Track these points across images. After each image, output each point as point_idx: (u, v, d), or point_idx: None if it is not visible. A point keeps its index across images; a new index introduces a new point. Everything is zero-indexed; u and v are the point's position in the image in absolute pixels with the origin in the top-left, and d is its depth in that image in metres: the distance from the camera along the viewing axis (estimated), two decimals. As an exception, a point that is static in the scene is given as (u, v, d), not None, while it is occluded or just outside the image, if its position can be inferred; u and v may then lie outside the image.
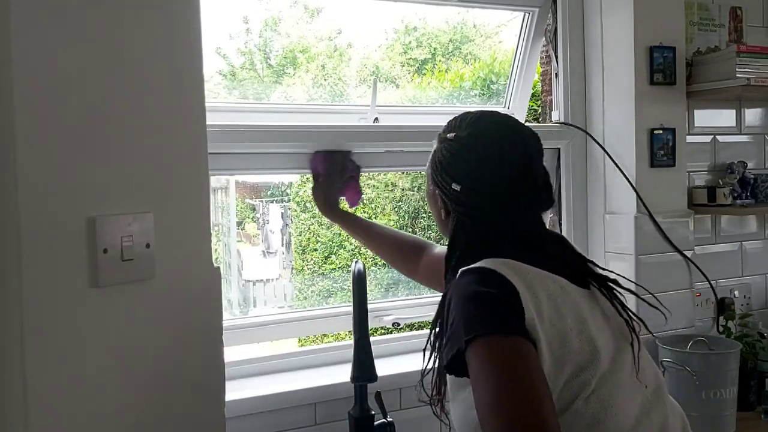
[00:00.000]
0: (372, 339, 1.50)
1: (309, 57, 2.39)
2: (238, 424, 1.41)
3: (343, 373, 1.58)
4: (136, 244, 1.04)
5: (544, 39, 2.08)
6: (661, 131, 1.95)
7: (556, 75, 2.08)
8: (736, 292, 2.17)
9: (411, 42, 2.74)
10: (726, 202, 2.03)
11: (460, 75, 2.66)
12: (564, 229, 2.08)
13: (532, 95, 2.19)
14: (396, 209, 4.46)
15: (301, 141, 1.66)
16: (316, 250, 4.36)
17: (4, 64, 0.93)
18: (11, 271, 0.94)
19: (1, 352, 0.96)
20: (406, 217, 4.55)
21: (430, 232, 4.56)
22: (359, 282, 1.49)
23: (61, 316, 0.97)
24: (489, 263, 1.03)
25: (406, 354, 1.82)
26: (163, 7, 1.08)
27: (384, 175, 4.29)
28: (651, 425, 1.03)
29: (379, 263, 4.53)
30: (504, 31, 2.34)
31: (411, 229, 4.58)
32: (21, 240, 0.94)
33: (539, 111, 3.02)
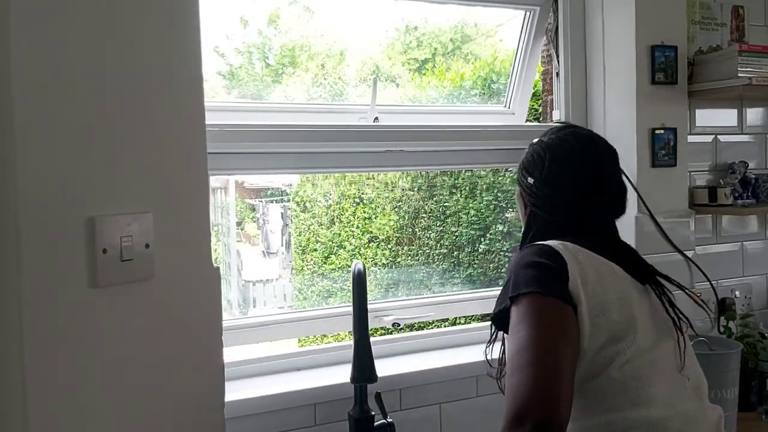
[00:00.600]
0: (372, 339, 1.50)
1: (309, 56, 2.39)
2: (238, 424, 1.41)
3: (343, 374, 1.57)
4: (136, 244, 1.04)
5: (545, 38, 2.08)
6: (662, 131, 1.95)
7: (557, 74, 2.08)
8: (737, 293, 2.17)
9: (411, 41, 2.73)
10: (727, 202, 2.03)
11: (460, 74, 2.65)
12: (565, 229, 2.08)
13: (533, 94, 2.19)
14: (396, 209, 4.46)
15: (301, 141, 1.66)
16: (316, 250, 4.36)
17: (4, 64, 0.93)
18: (11, 271, 0.94)
19: (1, 352, 0.96)
20: (406, 217, 4.55)
21: (430, 233, 4.55)
22: (359, 282, 1.49)
23: (60, 316, 0.97)
24: (549, 241, 1.15)
25: (406, 354, 1.81)
26: (162, 7, 1.08)
27: (384, 175, 4.28)
28: (685, 410, 1.08)
29: (379, 263, 4.53)
30: (505, 30, 2.33)
31: (411, 229, 4.58)
32: (21, 240, 0.94)
33: (540, 110, 3.02)
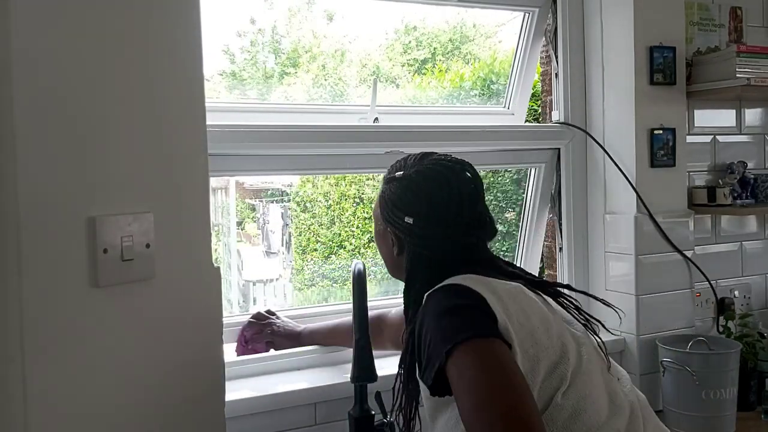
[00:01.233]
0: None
1: (311, 57, 2.39)
2: (238, 424, 1.41)
3: (343, 373, 1.58)
4: (136, 244, 1.04)
5: (544, 39, 2.08)
6: (661, 131, 1.95)
7: (556, 75, 2.08)
8: (736, 292, 2.17)
9: (411, 42, 2.73)
10: (726, 202, 2.04)
11: (460, 75, 2.66)
12: (564, 229, 2.08)
13: (532, 95, 2.19)
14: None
15: (302, 141, 1.66)
16: (316, 250, 4.36)
17: (4, 64, 0.93)
18: (11, 271, 0.94)
19: (1, 352, 0.96)
20: (407, 217, 4.53)
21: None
22: (359, 282, 1.49)
23: (61, 316, 0.97)
24: (451, 280, 1.08)
25: (406, 354, 1.81)
26: (163, 7, 1.08)
27: (384, 175, 4.27)
28: (623, 409, 1.08)
29: (379, 263, 4.53)
30: (504, 31, 2.33)
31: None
32: (21, 240, 0.94)
33: (539, 111, 3.02)
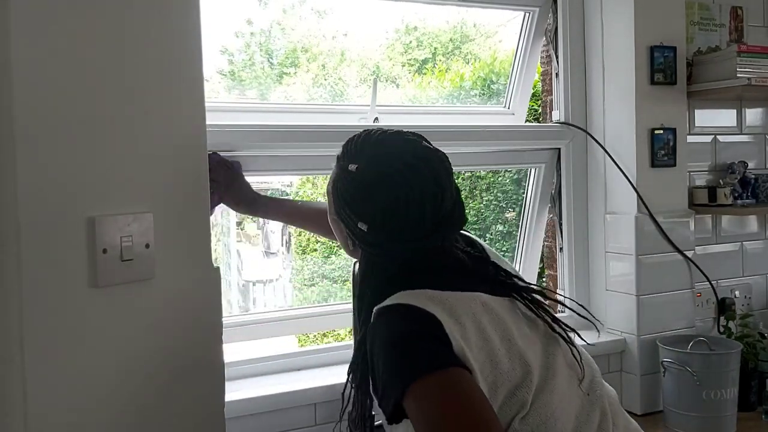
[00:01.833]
0: (372, 339, 1.50)
1: (311, 56, 2.39)
2: (238, 424, 1.41)
3: (343, 373, 1.57)
4: (136, 244, 1.04)
5: (544, 39, 2.08)
6: (661, 131, 1.95)
7: (557, 75, 2.08)
8: (737, 293, 2.17)
9: (411, 41, 2.73)
10: (727, 202, 2.04)
11: (460, 75, 2.66)
12: (564, 229, 2.08)
13: (533, 95, 2.19)
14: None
15: (302, 141, 1.66)
16: (316, 250, 4.36)
17: (4, 64, 0.93)
18: (11, 271, 0.94)
19: (1, 352, 0.96)
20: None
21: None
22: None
23: (60, 316, 0.97)
24: (404, 297, 1.00)
25: (407, 354, 1.81)
26: (162, 7, 1.08)
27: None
28: (591, 424, 1.03)
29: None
30: (504, 31, 2.33)
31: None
32: (21, 240, 0.94)
33: (539, 111, 3.03)
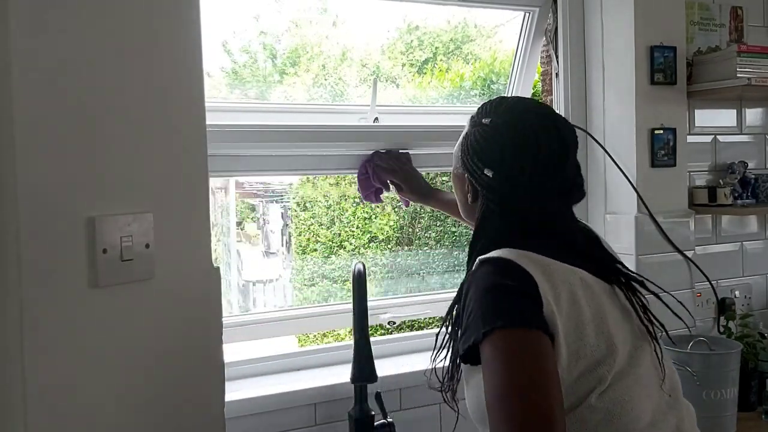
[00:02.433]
0: (372, 339, 1.50)
1: (311, 56, 2.39)
2: (238, 424, 1.41)
3: (343, 374, 1.58)
4: (136, 244, 1.04)
5: (544, 39, 2.08)
6: (661, 131, 1.95)
7: (557, 75, 2.08)
8: (737, 293, 2.17)
9: (412, 41, 2.73)
10: (727, 202, 2.03)
11: (460, 75, 2.65)
12: (564, 229, 2.08)
13: (533, 95, 2.19)
14: (396, 209, 4.46)
15: (302, 141, 1.66)
16: (316, 250, 4.36)
17: (3, 64, 0.93)
18: (11, 271, 0.94)
19: (1, 352, 0.96)
20: (407, 217, 4.55)
21: (430, 232, 4.55)
22: (359, 282, 1.49)
23: (60, 316, 0.97)
24: (508, 253, 1.02)
25: (407, 354, 1.82)
26: (163, 6, 1.08)
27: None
28: (667, 425, 1.02)
29: (380, 263, 4.53)
30: (504, 31, 2.33)
31: (411, 229, 4.58)
32: (20, 240, 0.94)
33: (540, 111, 3.02)
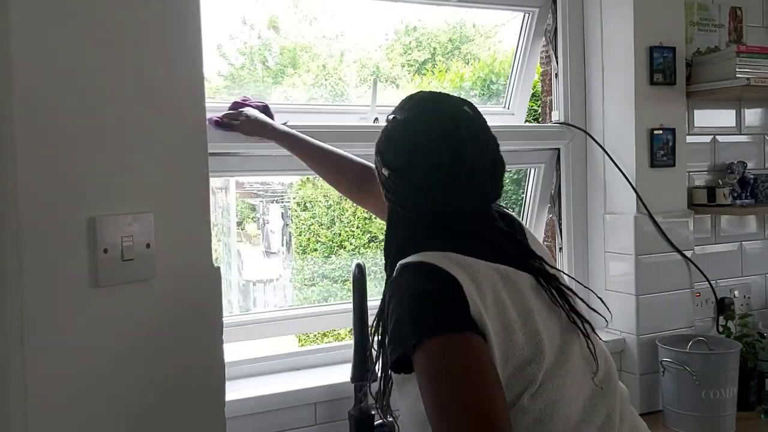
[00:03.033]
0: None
1: (311, 57, 2.39)
2: (238, 424, 1.41)
3: (343, 373, 1.58)
4: (137, 244, 1.04)
5: (544, 39, 2.08)
6: (660, 131, 1.95)
7: (556, 75, 2.09)
8: (736, 292, 2.17)
9: (411, 42, 2.73)
10: (726, 202, 2.04)
11: (460, 75, 2.66)
12: (564, 229, 2.09)
13: (532, 95, 2.19)
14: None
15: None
16: (316, 250, 4.36)
17: (4, 64, 0.94)
18: (11, 271, 0.94)
19: (1, 352, 0.96)
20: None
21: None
22: (359, 282, 1.49)
23: (61, 316, 0.98)
24: (428, 257, 0.99)
25: (406, 354, 1.81)
26: (163, 7, 1.08)
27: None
28: (598, 415, 1.00)
29: (380, 263, 4.53)
30: (504, 32, 2.33)
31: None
32: (21, 240, 0.94)
33: (539, 111, 3.03)
